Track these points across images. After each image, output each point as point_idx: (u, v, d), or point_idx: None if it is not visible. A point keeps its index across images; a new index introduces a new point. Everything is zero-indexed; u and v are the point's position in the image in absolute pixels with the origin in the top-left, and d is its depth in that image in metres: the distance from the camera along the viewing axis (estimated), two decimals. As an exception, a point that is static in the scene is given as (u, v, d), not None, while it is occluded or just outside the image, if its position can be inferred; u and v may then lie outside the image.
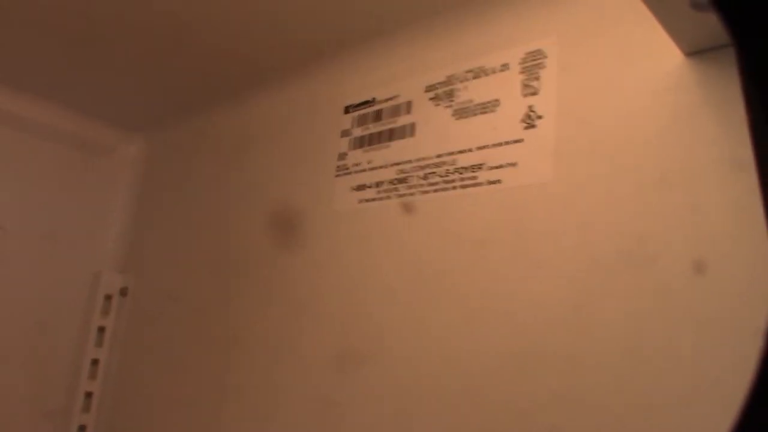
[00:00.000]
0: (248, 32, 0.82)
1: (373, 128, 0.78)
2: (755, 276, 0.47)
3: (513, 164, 0.63)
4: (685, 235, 0.51)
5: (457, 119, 0.70)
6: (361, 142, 0.79)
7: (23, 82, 1.04)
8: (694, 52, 0.55)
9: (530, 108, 0.64)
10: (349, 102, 0.83)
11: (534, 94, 0.64)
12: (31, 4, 0.79)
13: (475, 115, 0.68)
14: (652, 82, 0.57)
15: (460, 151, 0.68)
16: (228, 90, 1.01)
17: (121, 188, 1.19)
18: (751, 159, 0.24)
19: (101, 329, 1.08)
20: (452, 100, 0.71)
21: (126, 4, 0.78)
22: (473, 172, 0.66)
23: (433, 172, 0.69)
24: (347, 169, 0.79)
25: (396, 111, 0.76)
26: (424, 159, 0.71)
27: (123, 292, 1.10)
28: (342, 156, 0.81)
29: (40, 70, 0.99)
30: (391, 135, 0.76)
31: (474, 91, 0.69)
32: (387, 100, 0.78)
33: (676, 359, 0.49)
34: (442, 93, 0.72)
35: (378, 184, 0.75)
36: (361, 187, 0.77)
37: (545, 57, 0.64)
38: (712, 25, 0.52)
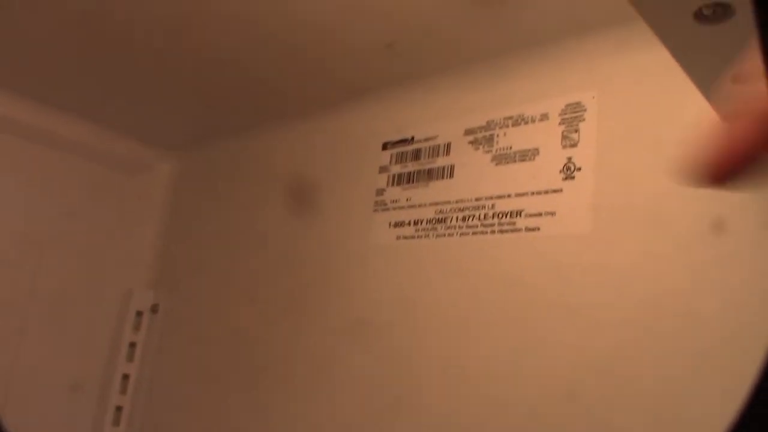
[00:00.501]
0: (288, 66, 0.85)
1: (412, 167, 0.81)
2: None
3: (552, 213, 0.66)
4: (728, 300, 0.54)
5: (496, 165, 0.72)
6: (399, 180, 0.82)
7: (60, 100, 1.07)
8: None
9: (569, 159, 0.66)
10: (387, 139, 0.86)
11: (573, 145, 0.66)
12: (77, 31, 0.82)
13: (515, 162, 0.71)
14: (690, 141, 0.60)
15: (499, 197, 0.71)
16: (264, 117, 1.04)
17: (154, 206, 1.22)
18: None
19: (132, 345, 1.11)
20: (491, 146, 0.73)
21: (167, 34, 0.81)
22: (512, 218, 0.69)
23: (472, 215, 0.72)
24: (385, 205, 0.82)
25: (435, 151, 0.79)
26: (462, 201, 0.74)
27: (154, 308, 1.13)
28: (380, 192, 0.83)
29: (79, 90, 1.02)
30: (430, 175, 0.79)
31: (513, 138, 0.72)
32: (426, 139, 0.81)
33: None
34: (481, 137, 0.75)
35: (416, 222, 0.78)
36: (399, 224, 0.79)
37: (584, 110, 0.67)
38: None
